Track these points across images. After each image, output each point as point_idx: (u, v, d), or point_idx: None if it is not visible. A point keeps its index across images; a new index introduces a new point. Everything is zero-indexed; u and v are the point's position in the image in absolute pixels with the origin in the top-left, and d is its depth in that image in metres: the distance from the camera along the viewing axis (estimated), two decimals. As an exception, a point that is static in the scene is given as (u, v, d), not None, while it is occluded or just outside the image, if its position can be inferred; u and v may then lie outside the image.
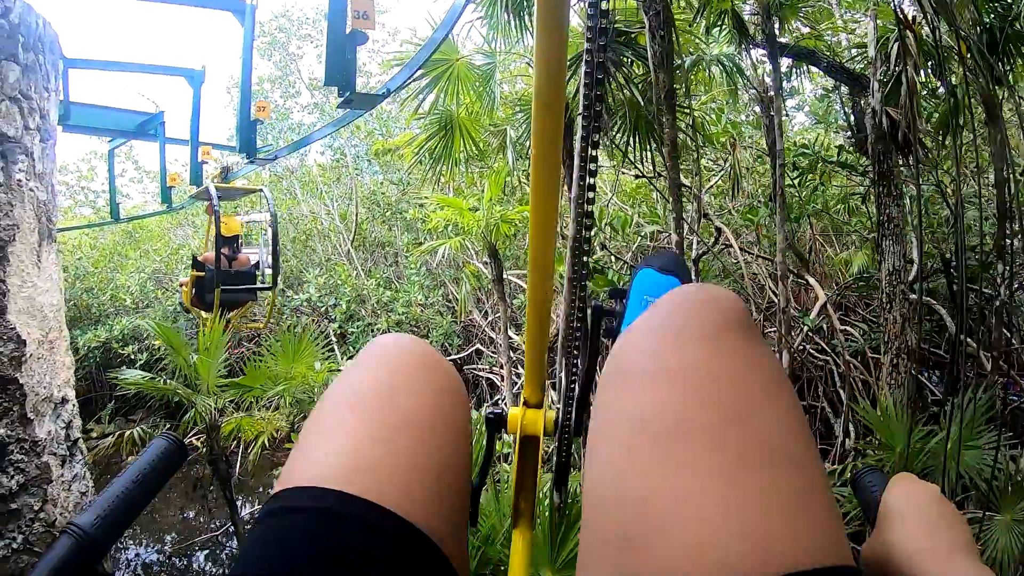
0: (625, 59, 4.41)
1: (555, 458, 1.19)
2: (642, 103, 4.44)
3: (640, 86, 4.56)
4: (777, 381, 0.48)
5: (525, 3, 4.61)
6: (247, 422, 6.79)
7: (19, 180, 3.27)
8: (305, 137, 6.17)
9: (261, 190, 7.61)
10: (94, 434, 9.19)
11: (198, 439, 7.27)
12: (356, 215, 11.32)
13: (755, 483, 0.40)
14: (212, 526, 7.58)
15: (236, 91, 5.71)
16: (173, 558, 7.19)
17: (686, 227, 4.73)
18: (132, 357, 9.82)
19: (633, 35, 4.43)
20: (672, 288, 0.97)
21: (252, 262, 7.56)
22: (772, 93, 4.87)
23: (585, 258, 0.98)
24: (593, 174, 0.81)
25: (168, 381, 4.91)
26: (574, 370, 1.08)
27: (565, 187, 4.76)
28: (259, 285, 7.54)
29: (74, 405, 3.73)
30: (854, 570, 0.39)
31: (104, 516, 0.57)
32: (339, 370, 5.29)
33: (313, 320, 10.20)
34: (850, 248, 8.33)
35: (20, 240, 3.27)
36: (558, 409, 1.10)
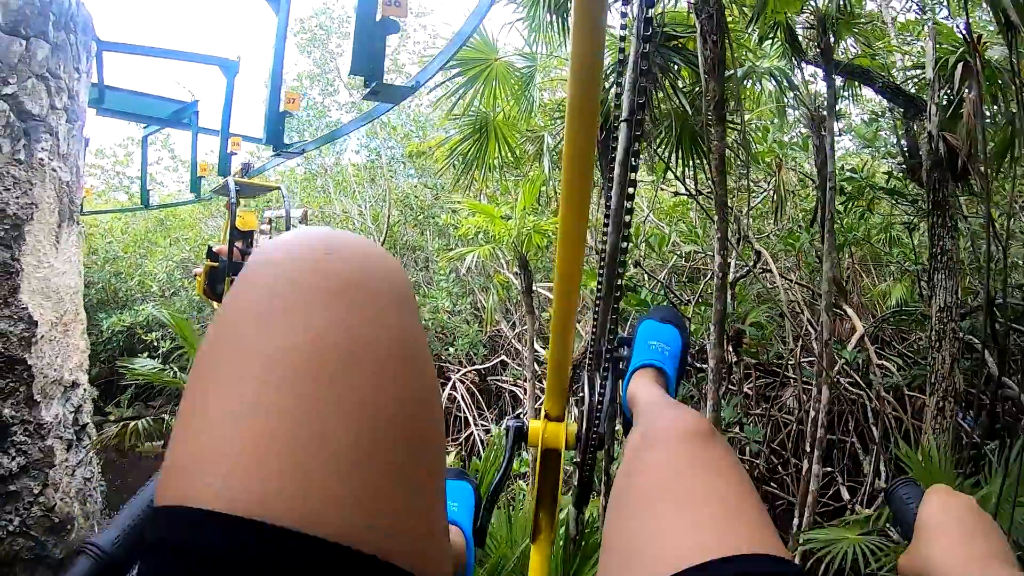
0: (672, 65, 4.24)
1: (577, 473, 1.19)
2: (690, 112, 4.26)
3: (688, 95, 4.39)
4: (727, 466, 0.63)
5: (569, 3, 4.45)
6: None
7: (41, 159, 3.20)
8: (332, 132, 6.12)
9: (279, 187, 7.58)
10: (112, 417, 9.21)
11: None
12: (388, 217, 11.26)
13: (707, 514, 0.55)
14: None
15: (273, 83, 5.68)
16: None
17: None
18: (155, 344, 9.87)
19: (682, 41, 4.27)
20: (670, 335, 1.23)
21: None
22: (825, 112, 4.65)
23: (621, 270, 0.98)
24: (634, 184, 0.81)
25: (179, 375, 4.85)
26: (602, 389, 1.09)
27: (603, 199, 4.61)
28: None
29: (85, 390, 3.67)
30: (788, 561, 0.49)
31: (125, 535, 0.54)
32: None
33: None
34: (888, 279, 8.08)
35: (38, 220, 3.20)
36: (580, 423, 1.12)
